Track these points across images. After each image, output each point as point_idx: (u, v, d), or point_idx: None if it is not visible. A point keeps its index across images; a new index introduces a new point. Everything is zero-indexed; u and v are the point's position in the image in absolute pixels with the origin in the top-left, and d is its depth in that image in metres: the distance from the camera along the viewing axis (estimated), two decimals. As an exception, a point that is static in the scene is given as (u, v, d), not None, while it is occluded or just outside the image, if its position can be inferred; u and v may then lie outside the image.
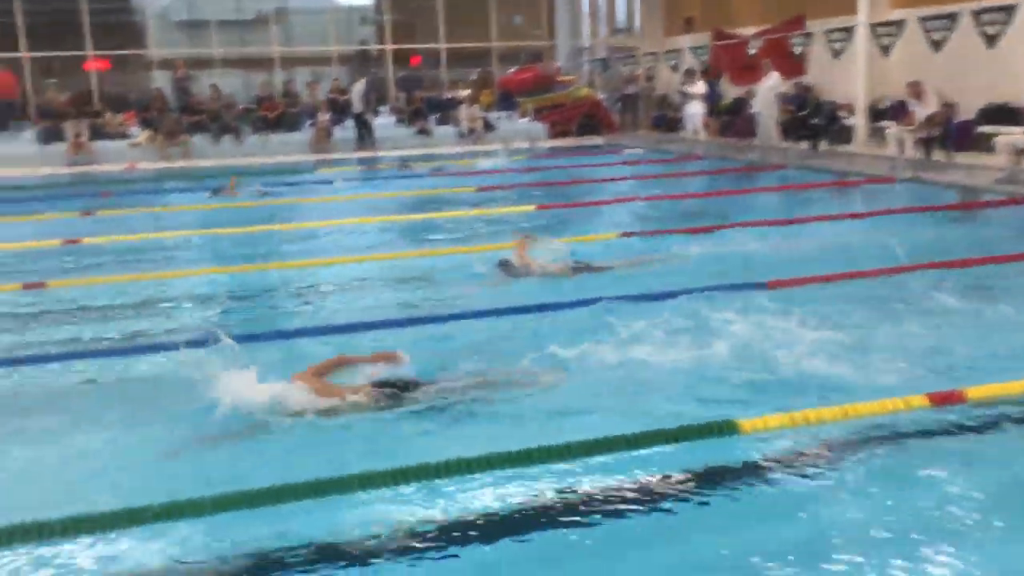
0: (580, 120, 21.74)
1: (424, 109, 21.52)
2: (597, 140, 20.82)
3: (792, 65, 16.73)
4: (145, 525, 3.18)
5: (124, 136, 19.81)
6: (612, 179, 13.80)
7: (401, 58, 24.50)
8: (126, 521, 3.19)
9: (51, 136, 18.99)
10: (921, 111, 13.65)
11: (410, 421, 4.20)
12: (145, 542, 3.17)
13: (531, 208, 11.04)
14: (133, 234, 10.05)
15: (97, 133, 19.44)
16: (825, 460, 3.75)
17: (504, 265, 7.10)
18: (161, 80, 22.58)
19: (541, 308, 5.98)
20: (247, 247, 9.24)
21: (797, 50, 17.20)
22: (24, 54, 21.36)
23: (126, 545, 3.17)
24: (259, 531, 3.23)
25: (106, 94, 22.15)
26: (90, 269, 8.30)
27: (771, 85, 16.40)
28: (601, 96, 23.04)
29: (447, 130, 21.12)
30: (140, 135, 19.64)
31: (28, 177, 16.57)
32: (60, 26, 22.51)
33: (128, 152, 18.93)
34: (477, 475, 3.52)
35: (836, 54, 16.76)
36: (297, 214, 11.59)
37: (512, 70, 24.28)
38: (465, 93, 22.22)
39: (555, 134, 21.26)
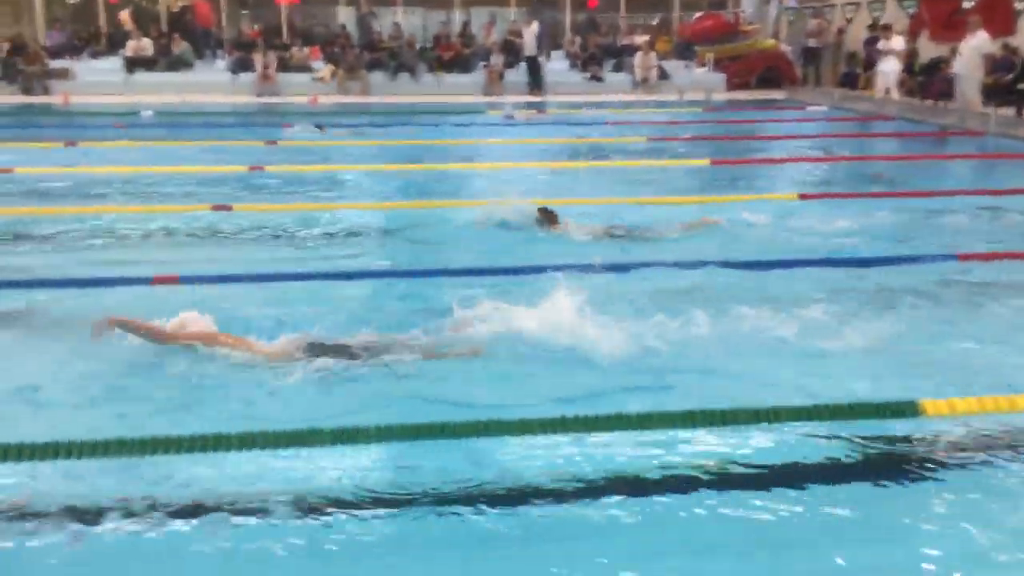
0: (761, 73, 20.85)
1: (598, 54, 21.19)
2: (777, 94, 19.93)
3: (1003, 24, 15.34)
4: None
5: (308, 70, 20.53)
6: (792, 136, 13.16)
7: (579, 2, 24.13)
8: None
9: (242, 66, 19.93)
10: None
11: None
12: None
13: (704, 162, 10.69)
14: (309, 164, 10.43)
15: (284, 66, 20.23)
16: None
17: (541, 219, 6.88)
18: (345, 16, 23.17)
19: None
20: (412, 184, 9.46)
21: (1019, 5, 15.71)
22: (222, -14, 22.39)
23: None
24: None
25: (293, 27, 22.94)
26: (272, 195, 8.67)
27: (976, 44, 15.08)
28: (786, 48, 21.97)
29: (620, 77, 20.73)
30: (323, 69, 20.31)
31: (220, 104, 17.46)
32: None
33: (311, 85, 19.64)
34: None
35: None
36: (465, 155, 11.71)
37: (697, 16, 23.47)
38: (642, 40, 21.67)
39: (733, 86, 20.51)
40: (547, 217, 6.87)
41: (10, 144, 11.61)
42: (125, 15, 20.97)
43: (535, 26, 20.02)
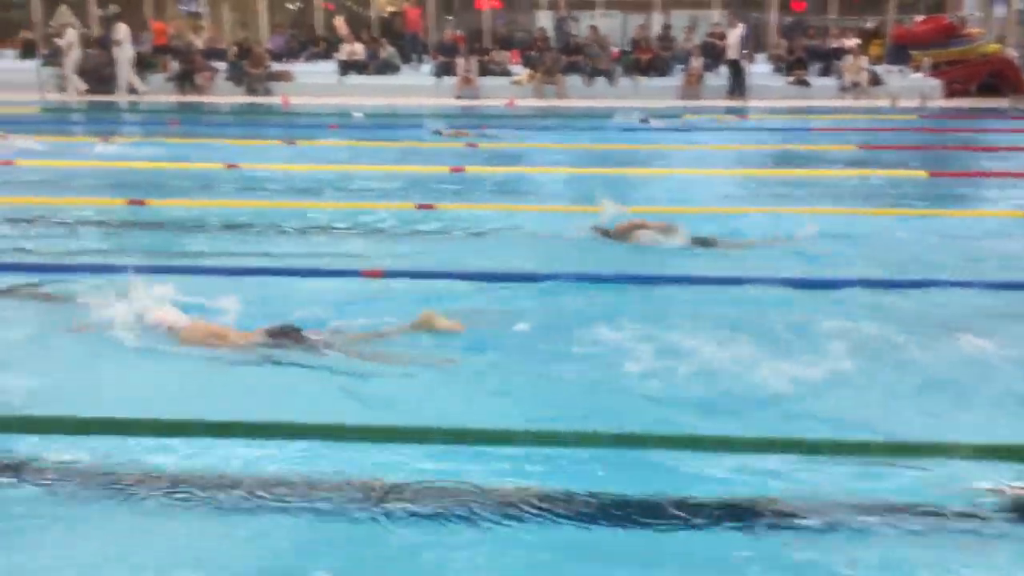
0: (983, 79, 19.36)
1: (805, 58, 20.37)
2: (1001, 103, 18.43)
3: None
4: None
5: (507, 73, 20.94)
6: (1019, 148, 12.12)
7: (786, 3, 23.30)
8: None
9: (445, 70, 20.59)
10: None
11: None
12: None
13: (921, 174, 10.03)
14: (508, 166, 10.63)
15: (484, 69, 20.74)
16: None
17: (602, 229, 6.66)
18: (545, 20, 23.45)
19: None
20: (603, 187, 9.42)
21: None
22: (429, -8, 23.20)
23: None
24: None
25: (494, 32, 23.48)
26: (471, 195, 8.89)
27: None
28: (1012, 53, 20.28)
29: (827, 82, 19.84)
30: (521, 73, 20.65)
31: (423, 107, 18.10)
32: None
33: (509, 88, 20.02)
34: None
35: None
36: (662, 160, 11.56)
37: (918, 19, 22.09)
38: (852, 43, 20.62)
39: (951, 93, 19.14)
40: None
41: (236, 141, 12.51)
42: (340, 21, 22.14)
43: (739, 28, 19.49)
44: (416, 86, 20.24)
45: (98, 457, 3.36)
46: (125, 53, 19.57)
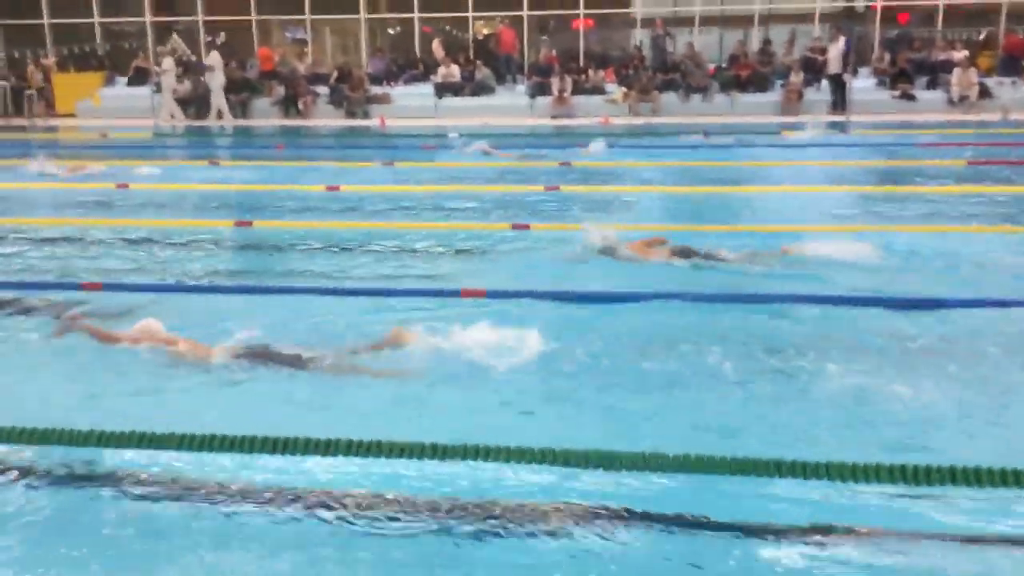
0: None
1: (910, 71, 19.75)
2: (1126, 114, 17.47)
3: None
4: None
5: (601, 92, 20.95)
6: None
7: (889, 16, 22.64)
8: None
9: (539, 90, 20.74)
10: None
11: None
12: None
13: (1035, 190, 9.60)
14: (605, 185, 10.62)
15: (578, 88, 20.80)
16: None
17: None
18: (641, 38, 23.37)
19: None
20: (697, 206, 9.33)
21: None
22: (524, 12, 23.42)
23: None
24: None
25: (589, 51, 23.52)
26: (566, 215, 8.91)
27: None
28: None
29: (934, 95, 19.18)
30: (616, 91, 20.63)
31: (517, 127, 18.24)
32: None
33: (603, 107, 20.02)
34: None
35: None
36: (752, 177, 11.37)
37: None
38: (961, 55, 19.89)
39: (1069, 104, 18.26)
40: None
41: (337, 164, 12.86)
42: (437, 44, 22.57)
43: (841, 42, 19.05)
44: (510, 106, 20.44)
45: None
46: (216, 80, 20.36)
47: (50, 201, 10.45)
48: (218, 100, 20.42)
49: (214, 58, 20.35)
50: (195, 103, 20.87)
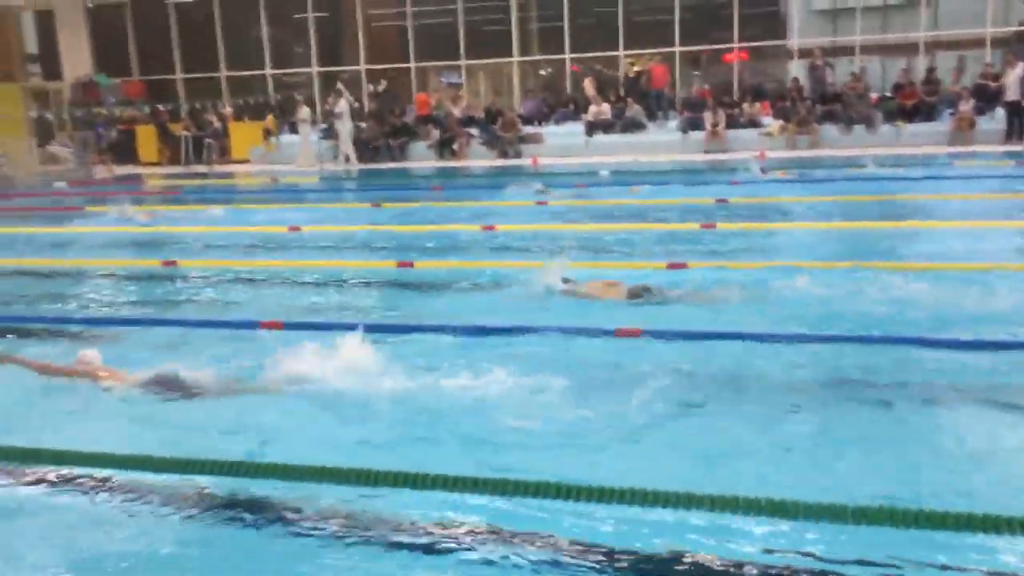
0: None
1: (1096, 96, 18.34)
2: None
3: None
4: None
5: (756, 125, 20.53)
6: None
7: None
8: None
9: (691, 125, 20.53)
10: None
11: None
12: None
13: None
14: (758, 222, 10.36)
15: (732, 122, 20.46)
16: None
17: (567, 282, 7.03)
18: (797, 69, 22.80)
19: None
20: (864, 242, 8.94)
21: None
22: (676, 48, 23.31)
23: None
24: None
25: (743, 84, 23.15)
26: (722, 253, 8.72)
27: None
28: None
29: None
30: (772, 125, 20.17)
31: (669, 163, 18.11)
32: (707, 20, 24.11)
33: (759, 141, 19.59)
34: None
35: None
36: (922, 211, 10.82)
37: None
38: None
39: None
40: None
41: (491, 203, 13.12)
42: (588, 82, 22.75)
43: (1020, 68, 17.93)
44: (662, 142, 20.32)
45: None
46: (345, 126, 21.17)
47: (235, 242, 11.06)
48: (345, 147, 21.20)
49: (342, 105, 21.23)
50: (357, 147, 21.83)
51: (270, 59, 25.74)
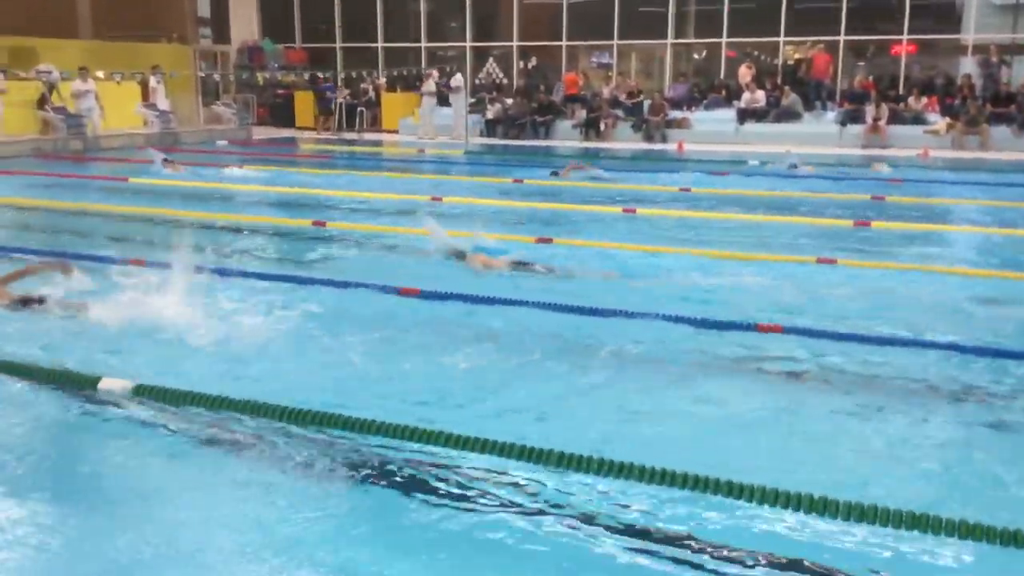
0: None
1: None
2: None
3: None
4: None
5: (922, 122, 19.45)
6: None
7: None
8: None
9: (851, 118, 19.63)
10: None
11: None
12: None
13: None
14: (916, 222, 9.84)
15: (895, 117, 19.44)
16: None
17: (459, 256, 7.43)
18: (971, 66, 21.39)
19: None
20: None
21: None
22: (841, 37, 22.27)
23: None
24: None
25: (910, 78, 21.94)
26: (875, 252, 8.30)
27: None
28: None
29: None
30: (938, 122, 19.06)
31: (825, 155, 17.28)
32: (875, 8, 22.92)
33: (922, 138, 18.56)
34: None
35: None
36: None
37: None
38: None
39: None
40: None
41: (633, 187, 12.92)
42: (745, 68, 22.06)
43: None
44: (817, 134, 19.53)
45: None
46: (460, 102, 21.17)
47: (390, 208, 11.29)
48: (458, 123, 21.25)
49: (458, 79, 21.27)
50: (504, 123, 21.98)
51: (426, 32, 26.15)
